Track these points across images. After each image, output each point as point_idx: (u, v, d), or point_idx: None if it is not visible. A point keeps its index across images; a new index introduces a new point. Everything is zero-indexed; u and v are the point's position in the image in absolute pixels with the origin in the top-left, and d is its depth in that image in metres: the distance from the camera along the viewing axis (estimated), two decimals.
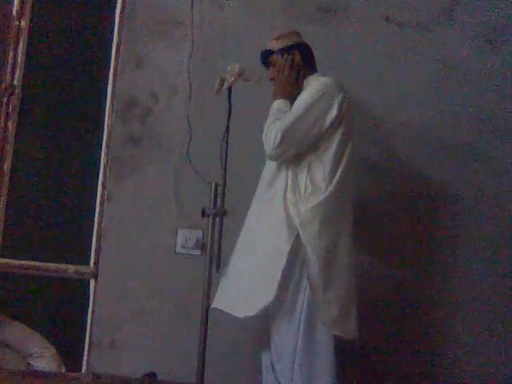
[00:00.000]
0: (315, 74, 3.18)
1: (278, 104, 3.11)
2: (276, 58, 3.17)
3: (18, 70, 3.76)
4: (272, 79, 3.20)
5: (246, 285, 2.97)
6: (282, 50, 3.16)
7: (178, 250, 3.66)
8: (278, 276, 2.86)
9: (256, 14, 3.83)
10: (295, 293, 2.89)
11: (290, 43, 3.17)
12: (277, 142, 2.96)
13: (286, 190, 2.98)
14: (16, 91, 3.73)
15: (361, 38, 3.86)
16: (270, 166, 3.11)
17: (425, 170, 3.83)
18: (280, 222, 2.94)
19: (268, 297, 2.87)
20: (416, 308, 3.72)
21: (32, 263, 3.65)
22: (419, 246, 3.77)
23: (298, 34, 3.23)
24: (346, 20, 3.87)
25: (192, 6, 3.78)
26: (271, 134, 2.98)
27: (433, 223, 3.82)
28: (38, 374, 3.24)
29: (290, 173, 3.00)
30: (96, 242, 3.67)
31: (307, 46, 3.22)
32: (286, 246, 2.89)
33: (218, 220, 3.01)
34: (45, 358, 3.52)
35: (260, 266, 2.93)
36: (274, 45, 3.19)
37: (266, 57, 3.21)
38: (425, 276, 3.76)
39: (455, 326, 3.74)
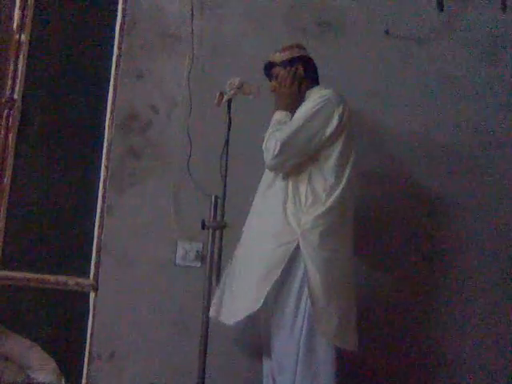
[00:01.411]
0: (317, 87, 3.19)
1: (279, 115, 3.12)
2: (278, 69, 3.19)
3: (19, 83, 3.77)
4: (273, 91, 3.22)
5: (236, 291, 2.98)
6: (285, 63, 3.18)
7: (178, 262, 3.65)
8: (269, 287, 2.87)
9: (256, 27, 3.85)
10: (296, 304, 2.89)
11: (294, 56, 3.19)
12: (276, 152, 2.97)
13: (286, 200, 2.99)
14: (16, 104, 3.74)
15: (361, 51, 3.88)
16: (269, 175, 3.12)
17: (425, 180, 3.85)
18: (279, 231, 2.95)
19: (253, 306, 2.88)
20: (415, 318, 3.73)
21: (32, 275, 3.65)
22: (419, 255, 3.78)
23: (301, 47, 3.25)
24: (346, 33, 3.89)
25: (192, 19, 3.80)
26: (271, 144, 3.00)
27: (433, 233, 3.83)
28: None
29: (290, 183, 3.01)
30: (96, 255, 3.67)
31: (310, 59, 3.23)
32: (283, 257, 2.90)
33: (217, 232, 3.01)
34: (44, 371, 3.50)
35: (254, 274, 2.94)
36: (278, 57, 3.20)
37: (269, 68, 3.22)
38: (425, 284, 3.77)
39: (455, 334, 3.74)
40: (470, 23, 3.98)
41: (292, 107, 3.13)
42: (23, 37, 3.79)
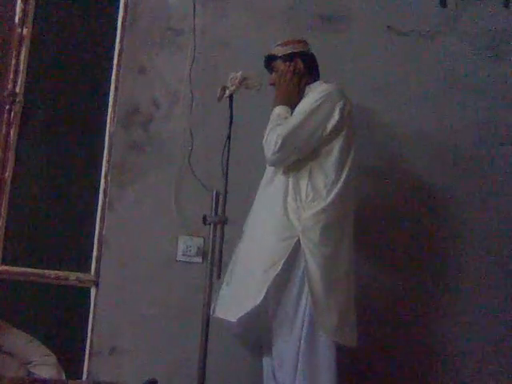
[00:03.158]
0: (317, 82, 3.19)
1: (279, 110, 3.11)
2: (279, 63, 3.18)
3: (20, 77, 3.76)
4: (272, 84, 3.21)
5: (238, 288, 2.98)
6: (285, 57, 3.17)
7: (179, 257, 3.65)
8: (269, 282, 2.86)
9: (258, 22, 3.84)
10: (297, 300, 2.89)
11: (294, 51, 3.18)
12: (277, 147, 2.96)
13: (286, 196, 2.98)
14: (18, 99, 3.74)
15: (363, 46, 3.87)
16: (270, 171, 3.11)
17: (427, 177, 3.84)
18: (280, 227, 2.95)
19: (254, 301, 2.87)
20: (415, 315, 3.73)
21: (33, 270, 3.65)
22: (420, 253, 3.78)
23: (304, 42, 3.24)
24: (349, 29, 3.89)
25: (194, 14, 3.79)
26: (271, 139, 2.99)
27: (434, 229, 3.82)
28: (38, 382, 3.22)
29: (291, 179, 3.00)
30: (97, 250, 3.67)
31: (311, 54, 3.23)
32: (284, 252, 2.89)
33: (219, 228, 3.00)
34: (45, 366, 3.49)
35: (255, 270, 2.93)
36: (279, 50, 3.20)
37: (270, 61, 3.21)
38: (425, 283, 3.77)
39: (454, 332, 3.74)
40: (473, 19, 3.97)
41: (292, 102, 3.12)
42: (25, 31, 3.79)
